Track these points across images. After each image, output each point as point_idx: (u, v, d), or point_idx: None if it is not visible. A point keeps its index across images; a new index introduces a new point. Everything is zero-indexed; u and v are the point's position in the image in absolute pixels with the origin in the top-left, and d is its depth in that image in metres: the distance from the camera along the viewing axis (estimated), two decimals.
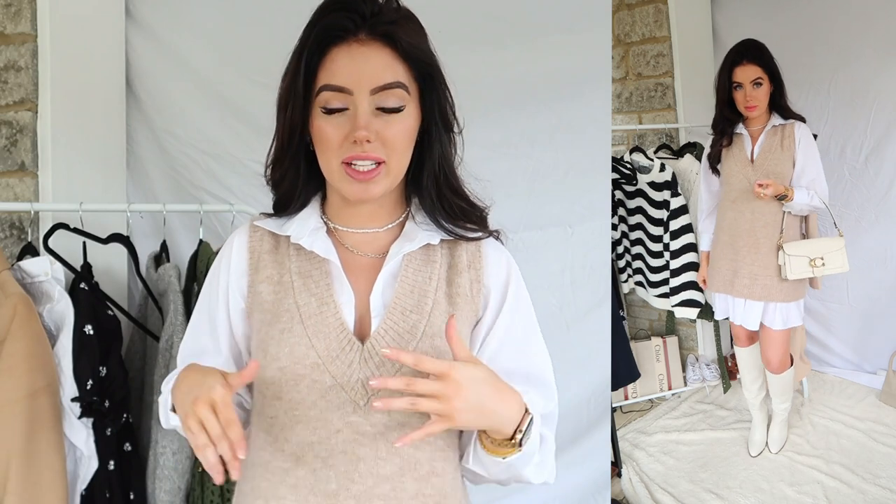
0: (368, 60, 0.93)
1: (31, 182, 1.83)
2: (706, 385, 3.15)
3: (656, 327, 3.39)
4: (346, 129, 0.93)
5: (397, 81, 0.94)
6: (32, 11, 1.82)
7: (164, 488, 1.63)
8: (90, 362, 1.56)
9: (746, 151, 2.46)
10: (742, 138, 2.48)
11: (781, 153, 2.39)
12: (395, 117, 0.95)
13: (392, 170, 0.96)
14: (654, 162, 2.85)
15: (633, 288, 3.16)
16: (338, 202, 1.03)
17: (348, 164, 0.94)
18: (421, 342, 0.96)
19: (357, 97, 0.93)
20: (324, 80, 0.94)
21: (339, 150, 0.94)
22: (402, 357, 0.83)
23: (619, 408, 3.08)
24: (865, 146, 2.91)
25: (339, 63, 0.93)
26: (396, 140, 0.95)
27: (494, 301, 1.02)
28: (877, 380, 3.00)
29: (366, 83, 0.93)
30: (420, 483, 0.95)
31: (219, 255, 1.09)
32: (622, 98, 3.38)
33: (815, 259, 2.34)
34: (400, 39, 0.94)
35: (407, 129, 0.96)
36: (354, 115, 0.93)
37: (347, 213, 1.03)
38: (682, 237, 2.80)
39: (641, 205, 2.95)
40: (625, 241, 3.08)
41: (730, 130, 2.48)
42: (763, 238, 2.40)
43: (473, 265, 1.03)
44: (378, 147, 0.93)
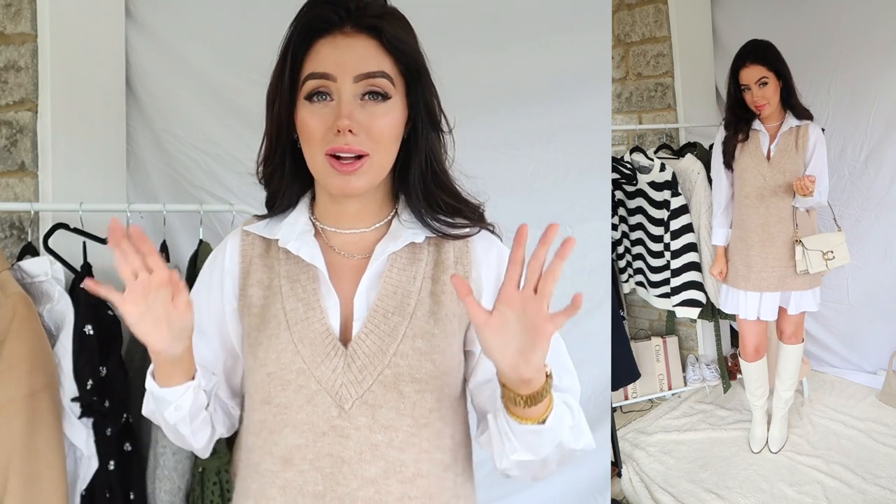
0: (352, 49, 0.93)
1: (31, 182, 1.83)
2: (706, 385, 3.15)
3: (656, 327, 3.39)
4: (329, 119, 0.93)
5: (381, 71, 0.94)
6: (32, 11, 1.82)
7: (164, 488, 1.63)
8: (90, 362, 1.56)
9: (763, 149, 2.48)
10: (759, 135, 2.50)
11: (796, 154, 2.43)
12: (380, 108, 0.94)
13: (376, 163, 0.95)
14: (654, 162, 2.85)
15: (633, 288, 3.16)
16: (325, 201, 1.03)
17: (332, 156, 0.93)
18: (402, 344, 0.95)
19: (340, 84, 0.92)
20: (308, 69, 0.94)
21: (323, 141, 0.93)
22: (460, 289, 0.79)
23: (619, 408, 3.08)
24: (865, 146, 2.91)
25: (323, 53, 0.94)
26: (381, 132, 0.94)
27: (487, 294, 1.00)
28: (877, 380, 3.00)
29: (349, 70, 0.92)
30: (405, 485, 0.94)
31: (211, 258, 1.09)
32: (622, 98, 3.38)
33: (826, 252, 2.41)
34: (385, 32, 0.94)
35: (392, 121, 0.95)
36: (338, 104, 0.93)
37: (334, 213, 1.02)
38: (682, 237, 2.80)
39: (642, 205, 2.95)
40: (625, 241, 3.08)
41: (745, 127, 2.50)
42: (777, 233, 2.44)
43: (461, 261, 1.01)
44: (362, 140, 0.92)
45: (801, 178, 2.30)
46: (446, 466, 0.99)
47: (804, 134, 2.44)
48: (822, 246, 2.41)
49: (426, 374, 0.95)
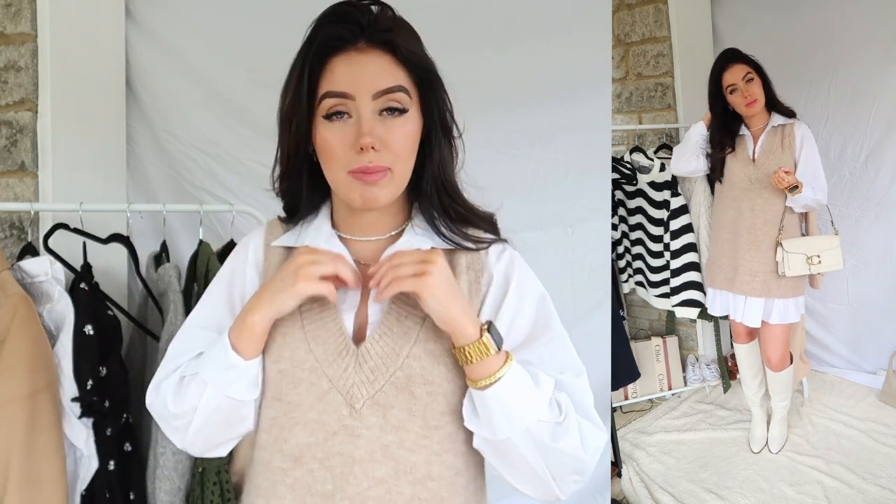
0: (368, 66, 0.94)
1: (31, 182, 1.83)
2: (706, 385, 3.15)
3: (656, 327, 3.39)
4: (349, 137, 0.93)
5: (398, 85, 0.95)
6: (32, 11, 1.82)
7: (164, 488, 1.63)
8: (90, 362, 1.56)
9: (748, 151, 2.49)
10: (744, 139, 2.51)
11: (782, 153, 2.42)
12: (399, 121, 0.95)
13: (397, 176, 0.96)
14: (654, 162, 2.85)
15: (633, 288, 3.16)
16: (343, 210, 1.04)
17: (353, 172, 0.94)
18: (415, 346, 0.96)
19: (359, 102, 0.93)
20: (325, 88, 0.94)
21: (345, 159, 0.94)
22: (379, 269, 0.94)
23: (619, 408, 3.08)
24: (865, 146, 2.91)
25: (339, 71, 0.94)
26: (401, 145, 0.95)
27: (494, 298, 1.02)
28: (877, 380, 3.00)
29: (367, 88, 0.93)
30: (416, 486, 0.95)
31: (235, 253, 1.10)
32: (622, 98, 3.38)
33: (811, 256, 2.37)
34: (398, 46, 0.95)
35: (410, 133, 0.97)
36: (358, 122, 0.93)
37: (352, 222, 1.04)
38: (682, 237, 2.80)
39: (641, 205, 2.95)
40: (625, 241, 3.08)
41: (731, 141, 2.50)
42: (763, 235, 2.43)
43: (472, 266, 1.03)
44: (384, 156, 0.94)
45: (776, 170, 2.30)
46: (458, 471, 0.99)
47: (790, 132, 2.43)
48: (806, 249, 2.38)
49: (439, 377, 0.96)
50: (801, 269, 2.37)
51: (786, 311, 2.46)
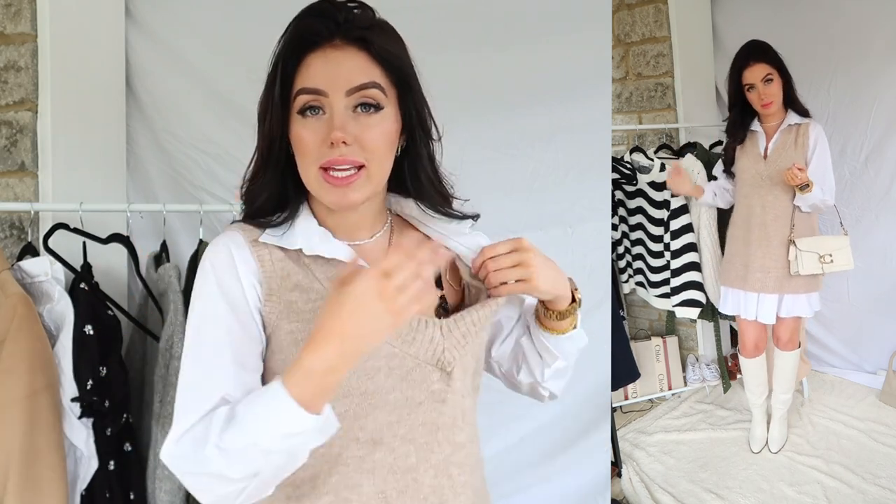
0: (343, 63, 0.93)
1: (31, 182, 1.83)
2: (706, 385, 3.15)
3: (656, 327, 3.39)
4: (322, 132, 0.92)
5: (372, 82, 0.94)
6: (32, 11, 1.82)
7: (164, 488, 1.63)
8: (90, 362, 1.56)
9: (760, 147, 2.49)
10: (756, 135, 2.51)
11: (795, 151, 2.43)
12: (373, 119, 0.94)
13: (373, 175, 0.94)
14: (654, 162, 2.85)
15: (633, 288, 3.16)
16: (323, 212, 1.01)
17: (326, 170, 0.92)
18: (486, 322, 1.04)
19: (332, 98, 0.93)
20: (300, 84, 0.94)
21: (317, 154, 0.93)
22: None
23: (619, 408, 3.08)
24: (865, 146, 2.91)
25: (314, 67, 0.94)
26: (376, 142, 0.94)
27: None
28: (877, 380, 3.00)
29: (341, 84, 0.92)
30: (479, 451, 1.03)
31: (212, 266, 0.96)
32: (622, 98, 3.38)
33: (824, 255, 2.39)
34: (374, 43, 0.94)
35: (386, 131, 0.95)
36: (331, 118, 0.93)
37: (332, 223, 1.01)
38: (682, 237, 2.80)
39: (642, 205, 2.95)
40: (625, 241, 3.08)
41: (742, 133, 2.50)
42: (774, 231, 2.44)
43: None
44: (356, 150, 0.92)
45: (790, 167, 2.30)
46: None
47: (805, 131, 2.44)
48: (819, 248, 2.39)
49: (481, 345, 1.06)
50: (814, 268, 2.39)
51: (796, 304, 2.48)
